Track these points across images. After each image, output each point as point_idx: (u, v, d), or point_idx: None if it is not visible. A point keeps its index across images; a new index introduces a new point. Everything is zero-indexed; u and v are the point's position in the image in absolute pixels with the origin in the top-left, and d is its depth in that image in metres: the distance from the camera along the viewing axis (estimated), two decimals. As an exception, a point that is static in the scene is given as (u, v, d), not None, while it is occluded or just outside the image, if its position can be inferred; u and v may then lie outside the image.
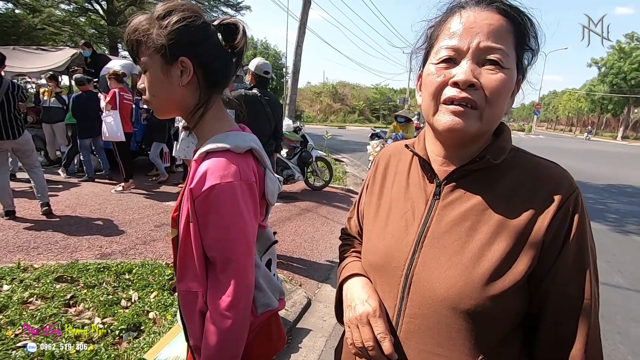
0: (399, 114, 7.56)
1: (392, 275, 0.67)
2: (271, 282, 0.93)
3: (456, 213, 0.64)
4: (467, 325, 0.59)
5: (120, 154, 5.19)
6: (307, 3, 9.86)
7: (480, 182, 0.65)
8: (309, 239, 4.08)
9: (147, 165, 6.74)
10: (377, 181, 0.82)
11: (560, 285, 0.58)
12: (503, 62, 0.58)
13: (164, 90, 0.79)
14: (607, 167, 12.02)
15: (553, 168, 0.64)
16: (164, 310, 2.36)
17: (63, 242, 3.37)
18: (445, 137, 0.66)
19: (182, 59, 0.76)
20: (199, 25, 0.77)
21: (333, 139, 10.67)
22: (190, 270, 0.80)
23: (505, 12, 0.60)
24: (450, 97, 0.60)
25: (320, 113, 32.63)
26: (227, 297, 0.74)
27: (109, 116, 4.98)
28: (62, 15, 16.27)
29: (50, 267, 2.75)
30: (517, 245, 0.58)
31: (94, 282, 2.59)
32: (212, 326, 0.76)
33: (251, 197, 0.78)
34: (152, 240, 3.58)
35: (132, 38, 0.77)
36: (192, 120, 0.84)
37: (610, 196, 7.53)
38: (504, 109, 0.62)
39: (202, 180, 0.74)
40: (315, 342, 2.33)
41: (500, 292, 0.57)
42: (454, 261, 0.61)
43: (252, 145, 0.81)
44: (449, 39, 0.62)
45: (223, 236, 0.75)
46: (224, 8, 18.35)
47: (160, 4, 0.77)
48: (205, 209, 0.74)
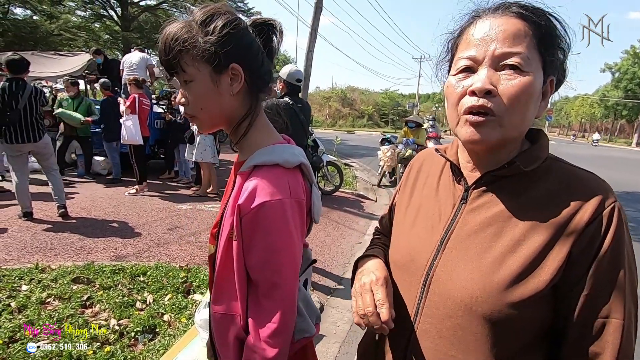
0: (410, 119, 7.54)
1: (413, 274, 0.69)
2: (309, 305, 0.87)
3: (482, 218, 0.64)
4: (483, 330, 0.58)
5: (136, 157, 5.28)
6: (319, 9, 9.93)
7: (509, 188, 0.64)
8: (320, 243, 4.08)
9: (160, 168, 6.84)
10: (409, 183, 0.83)
11: (587, 300, 0.56)
12: (522, 66, 0.57)
13: (215, 101, 0.73)
14: (623, 174, 11.78)
15: (590, 178, 0.61)
16: (178, 312, 2.37)
17: (79, 243, 3.43)
18: (470, 148, 0.67)
19: (233, 65, 0.71)
20: (244, 29, 0.72)
21: (342, 144, 10.67)
22: (228, 291, 0.75)
23: (523, 15, 0.59)
24: (469, 106, 0.60)
25: (329, 118, 32.70)
26: (273, 324, 0.69)
27: (129, 120, 5.11)
28: (78, 22, 16.73)
29: (67, 268, 2.79)
30: (542, 252, 0.57)
31: (109, 284, 2.63)
32: (253, 355, 0.71)
33: (300, 216, 0.73)
34: (165, 243, 3.61)
35: (173, 47, 0.68)
36: (238, 132, 0.78)
37: (626, 204, 7.37)
38: (528, 113, 0.60)
39: (251, 197, 0.69)
40: (329, 348, 2.32)
41: (520, 300, 0.56)
42: (474, 265, 0.61)
43: (301, 160, 0.76)
44: (466, 50, 0.62)
45: (271, 258, 0.70)
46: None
47: (197, 9, 0.71)
48: (253, 227, 0.69)
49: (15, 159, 3.83)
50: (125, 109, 5.11)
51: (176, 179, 6.43)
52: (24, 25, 14.60)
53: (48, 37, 15.08)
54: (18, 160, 3.85)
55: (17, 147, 3.76)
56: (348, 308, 2.82)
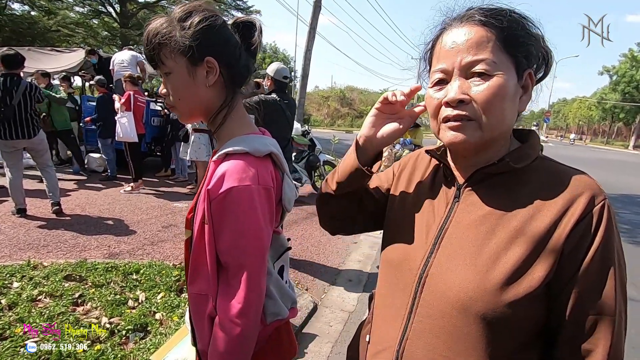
0: (408, 119, 7.52)
1: (407, 273, 0.69)
2: (283, 290, 0.90)
3: (474, 216, 0.64)
4: (478, 329, 0.58)
5: (131, 154, 5.26)
6: (317, 8, 9.92)
7: (501, 186, 0.64)
8: (316, 242, 4.07)
9: (157, 165, 6.82)
10: (402, 181, 0.83)
11: (579, 298, 0.56)
12: (489, 71, 0.59)
13: (191, 92, 0.78)
14: (619, 176, 11.83)
15: (580, 176, 0.62)
16: (170, 311, 2.36)
17: (72, 240, 3.40)
18: (455, 150, 0.69)
19: (208, 58, 0.76)
20: (221, 25, 0.77)
21: (340, 143, 10.66)
22: (202, 273, 0.79)
23: (483, 22, 0.61)
24: (446, 116, 0.63)
25: (327, 117, 32.71)
26: (238, 303, 0.73)
27: (124, 117, 5.09)
28: (76, 18, 16.64)
29: (59, 266, 2.77)
30: (534, 251, 0.57)
31: (102, 282, 2.61)
32: (220, 332, 0.75)
33: (268, 202, 0.77)
34: (159, 241, 3.59)
35: (154, 42, 0.74)
36: (215, 122, 0.82)
37: (623, 206, 7.40)
38: (505, 112, 0.61)
39: (219, 182, 0.73)
40: (321, 348, 2.31)
41: (515, 299, 0.56)
42: (468, 264, 0.61)
43: (271, 150, 0.80)
44: (438, 63, 0.65)
45: (237, 241, 0.74)
46: (234, 12, 18.57)
47: (178, 6, 0.77)
48: (221, 211, 0.73)
49: (10, 155, 3.80)
50: (120, 106, 5.09)
51: (173, 177, 6.42)
52: (22, 20, 14.51)
53: (46, 33, 15.00)
54: (12, 157, 3.82)
55: (12, 143, 3.73)
56: (342, 308, 2.82)
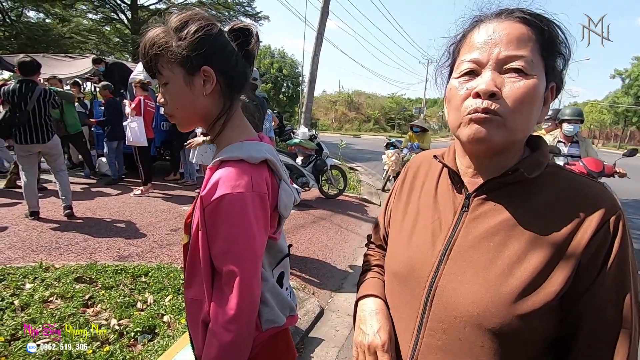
0: (415, 123, 7.50)
1: (415, 286, 0.66)
2: (280, 297, 0.89)
3: (485, 227, 0.62)
4: (492, 344, 0.57)
5: (141, 158, 5.35)
6: (325, 13, 9.99)
7: (512, 196, 0.62)
8: (323, 247, 4.07)
9: (166, 169, 6.90)
10: (405, 189, 0.81)
11: (596, 310, 0.55)
12: (526, 69, 0.57)
13: (188, 101, 0.78)
14: (630, 181, 11.59)
15: (594, 186, 0.61)
16: (178, 314, 2.38)
17: (83, 243, 3.46)
18: (472, 149, 0.65)
19: (205, 68, 0.76)
20: (217, 33, 0.77)
21: (347, 148, 10.67)
22: (197, 278, 0.79)
23: (526, 20, 0.59)
24: (474, 108, 0.59)
25: (335, 121, 32.75)
26: (230, 310, 0.73)
27: (134, 122, 5.19)
28: (89, 25, 17.00)
29: (70, 268, 2.82)
30: (550, 263, 0.56)
31: (111, 284, 2.65)
32: (212, 338, 0.74)
33: (262, 209, 0.77)
34: (168, 244, 3.64)
35: (150, 52, 0.75)
36: (215, 130, 0.83)
37: (634, 212, 7.25)
38: (532, 117, 0.59)
39: (213, 189, 0.73)
40: (327, 353, 2.31)
41: (529, 312, 0.55)
42: (481, 277, 0.59)
43: (266, 156, 0.80)
44: (469, 53, 0.61)
45: (230, 247, 0.74)
46: (243, 18, 18.79)
47: (173, 15, 0.76)
48: (214, 218, 0.73)
49: (25, 158, 3.90)
50: (131, 111, 5.18)
51: (181, 181, 6.48)
52: (37, 28, 14.88)
53: (60, 39, 15.35)
54: (27, 161, 3.92)
55: (27, 147, 3.83)
56: (348, 312, 2.81)
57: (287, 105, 28.74)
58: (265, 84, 27.48)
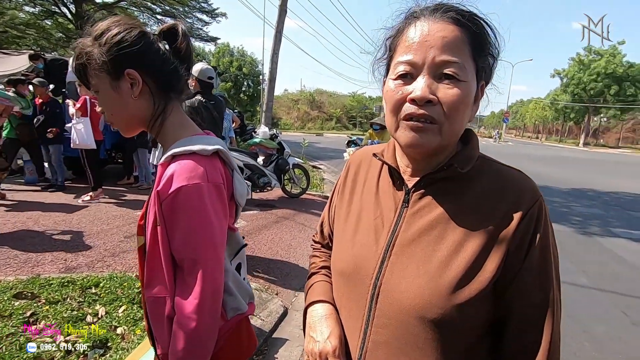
0: (375, 121, 7.65)
1: (360, 283, 0.67)
2: (241, 285, 0.92)
3: (424, 221, 0.64)
4: (435, 334, 0.59)
5: (89, 162, 4.99)
6: (283, 12, 9.92)
7: (447, 190, 0.65)
8: (286, 246, 4.04)
9: (118, 173, 6.52)
10: (347, 186, 0.81)
11: (524, 293, 0.59)
12: (459, 75, 0.58)
13: (119, 105, 0.79)
14: (570, 172, 12.67)
15: (517, 177, 0.65)
16: (133, 324, 2.25)
17: (23, 255, 3.17)
18: (409, 152, 0.68)
19: (128, 71, 0.77)
20: (137, 35, 0.77)
21: (310, 146, 10.69)
22: (158, 276, 0.79)
23: (460, 22, 0.60)
24: (409, 113, 0.60)
25: (297, 120, 32.71)
26: (194, 299, 0.73)
27: (79, 123, 4.82)
28: (27, 18, 15.58)
29: (8, 283, 2.58)
30: (482, 253, 0.59)
31: (57, 298, 2.45)
32: (178, 330, 0.75)
33: (219, 198, 0.78)
34: (121, 252, 3.43)
35: (78, 64, 0.78)
36: (154, 130, 0.84)
37: (574, 200, 7.92)
38: (464, 120, 0.62)
39: (168, 183, 0.74)
40: (292, 352, 2.29)
41: (466, 301, 0.57)
42: (421, 270, 0.61)
43: (218, 147, 0.81)
44: (405, 54, 0.61)
45: (189, 237, 0.74)
46: (199, 15, 18.17)
47: (98, 24, 0.78)
48: (172, 210, 0.74)
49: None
50: (76, 111, 4.81)
51: (136, 185, 6.16)
52: (-36, 20, 13.44)
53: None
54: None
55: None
56: (312, 310, 2.81)
57: (248, 104, 28.25)
58: (225, 82, 26.80)
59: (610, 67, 33.46)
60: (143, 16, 16.97)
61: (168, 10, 17.06)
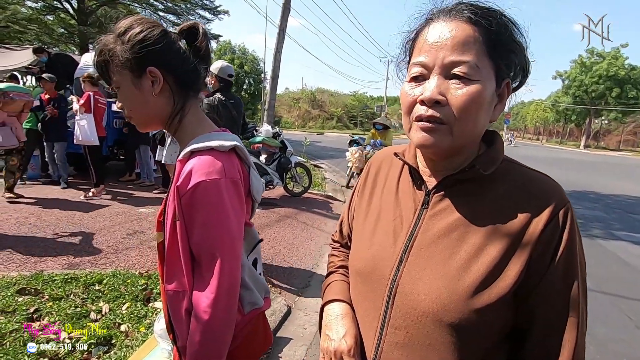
0: (377, 121, 7.67)
1: (377, 284, 0.67)
2: (257, 280, 0.93)
3: (444, 223, 0.63)
4: (452, 338, 0.58)
5: (92, 158, 4.98)
6: (286, 10, 9.89)
7: (469, 192, 0.64)
8: (288, 245, 4.04)
9: (120, 170, 6.51)
10: (367, 186, 0.81)
11: (548, 300, 0.57)
12: (470, 75, 0.57)
13: (140, 102, 0.81)
14: (571, 174, 12.66)
15: (544, 181, 0.63)
16: (137, 322, 2.25)
17: (26, 252, 3.17)
18: (423, 152, 0.68)
19: (150, 68, 0.78)
20: (159, 34, 0.79)
21: (312, 145, 10.69)
22: (177, 271, 0.80)
23: (472, 20, 0.58)
24: (419, 115, 0.60)
25: (298, 119, 32.71)
26: (210, 293, 0.74)
27: (83, 119, 4.81)
28: (29, 13, 15.52)
29: (11, 279, 2.58)
30: (504, 258, 0.57)
31: (60, 294, 2.45)
32: (196, 323, 0.76)
33: (236, 194, 0.79)
34: (124, 249, 3.43)
35: (100, 60, 0.79)
36: (172, 127, 0.85)
37: (575, 202, 7.92)
38: (479, 121, 0.60)
39: (187, 178, 0.75)
40: (296, 352, 2.29)
41: (486, 306, 0.56)
42: (440, 272, 0.60)
43: (235, 144, 0.82)
44: (418, 55, 0.61)
45: (208, 232, 0.76)
46: (202, 12, 18.10)
47: (119, 21, 0.80)
48: (191, 205, 0.75)
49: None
50: (79, 107, 4.80)
51: (137, 182, 6.15)
52: (-34, 15, 13.39)
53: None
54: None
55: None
56: (316, 310, 2.81)
57: (249, 102, 28.21)
58: (226, 80, 26.73)
59: (612, 69, 33.47)
60: (145, 12, 16.88)
61: (170, 7, 16.98)
